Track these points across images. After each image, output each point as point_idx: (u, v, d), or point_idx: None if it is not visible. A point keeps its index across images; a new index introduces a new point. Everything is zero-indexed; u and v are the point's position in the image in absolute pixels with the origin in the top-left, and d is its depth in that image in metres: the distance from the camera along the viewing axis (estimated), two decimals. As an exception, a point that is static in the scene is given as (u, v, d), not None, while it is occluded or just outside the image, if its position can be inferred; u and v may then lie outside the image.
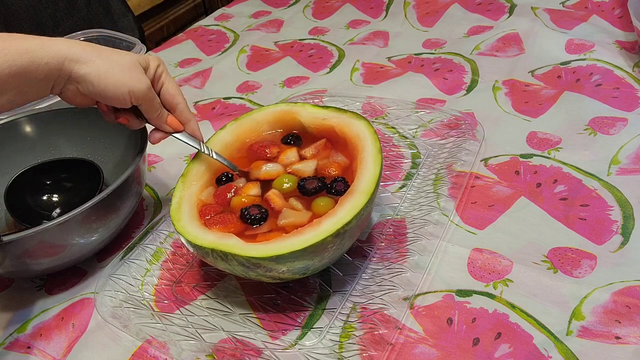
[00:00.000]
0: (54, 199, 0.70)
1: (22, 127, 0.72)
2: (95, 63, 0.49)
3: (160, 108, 0.55)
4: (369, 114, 0.79)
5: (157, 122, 0.56)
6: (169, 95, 0.56)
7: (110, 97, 0.51)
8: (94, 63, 0.49)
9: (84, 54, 0.49)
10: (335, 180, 0.55)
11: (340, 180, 0.55)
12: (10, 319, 0.59)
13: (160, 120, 0.56)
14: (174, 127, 0.57)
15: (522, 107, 0.77)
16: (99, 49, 0.50)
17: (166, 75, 0.56)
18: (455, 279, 0.55)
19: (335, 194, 0.54)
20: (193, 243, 0.50)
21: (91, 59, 0.49)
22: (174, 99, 0.56)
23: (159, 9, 1.87)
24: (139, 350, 0.53)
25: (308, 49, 1.04)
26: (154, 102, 0.54)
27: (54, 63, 0.47)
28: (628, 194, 0.60)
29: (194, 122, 0.58)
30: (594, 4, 0.99)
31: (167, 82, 0.56)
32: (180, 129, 0.57)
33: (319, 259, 0.49)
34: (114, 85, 0.50)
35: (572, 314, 0.50)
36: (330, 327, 0.52)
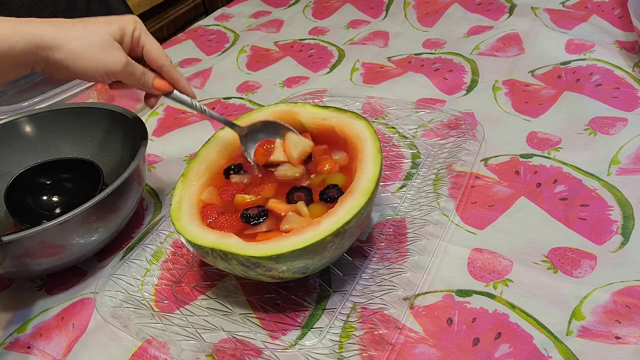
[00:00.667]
0: (54, 199, 0.70)
1: (22, 127, 0.72)
2: (68, 47, 0.48)
3: (143, 76, 0.54)
4: (369, 114, 0.79)
5: (144, 88, 0.55)
6: (151, 57, 0.55)
7: (88, 78, 0.51)
8: (67, 47, 0.48)
9: (56, 39, 0.48)
10: (328, 187, 0.55)
11: (333, 187, 0.54)
12: (10, 319, 0.59)
13: (147, 86, 0.55)
14: (162, 90, 0.56)
15: (522, 107, 0.77)
16: (71, 29, 0.49)
17: (145, 36, 0.54)
18: (455, 279, 0.55)
19: (328, 201, 0.53)
20: (193, 242, 0.50)
21: (64, 43, 0.48)
22: (157, 61, 0.55)
23: (159, 9, 1.87)
24: (139, 350, 0.53)
25: (308, 49, 1.04)
26: (134, 75, 0.53)
27: (28, 49, 0.47)
28: (628, 194, 0.60)
29: (183, 80, 0.57)
30: (594, 4, 0.99)
31: (148, 44, 0.54)
32: (170, 90, 0.57)
33: (318, 259, 0.49)
34: (90, 67, 0.50)
35: (572, 314, 0.50)
36: (330, 327, 0.52)
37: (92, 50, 0.50)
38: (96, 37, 0.50)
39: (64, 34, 0.49)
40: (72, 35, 0.49)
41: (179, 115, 0.90)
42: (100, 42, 0.50)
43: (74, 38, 0.49)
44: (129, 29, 0.53)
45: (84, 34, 0.50)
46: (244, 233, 0.52)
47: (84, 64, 0.49)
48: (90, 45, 0.49)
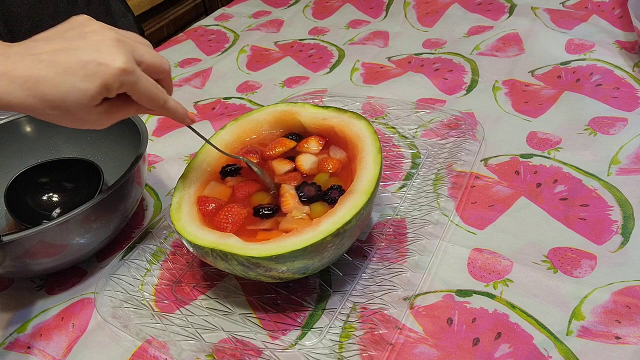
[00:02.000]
0: (54, 199, 0.70)
1: (22, 127, 0.72)
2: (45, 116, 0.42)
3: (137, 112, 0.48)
4: (369, 114, 0.79)
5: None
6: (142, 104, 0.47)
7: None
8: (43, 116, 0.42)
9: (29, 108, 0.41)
10: (331, 188, 0.55)
11: (336, 188, 0.55)
12: (10, 319, 0.59)
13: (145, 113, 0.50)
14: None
15: (522, 107, 0.77)
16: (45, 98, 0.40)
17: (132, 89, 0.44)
18: (455, 279, 0.55)
19: (330, 202, 0.53)
20: (193, 243, 0.50)
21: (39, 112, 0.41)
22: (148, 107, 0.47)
23: (159, 9, 1.87)
24: (139, 350, 0.53)
25: (308, 49, 1.04)
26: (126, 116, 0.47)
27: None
28: (628, 194, 0.60)
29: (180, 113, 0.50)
30: (594, 4, 0.99)
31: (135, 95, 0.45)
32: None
33: (318, 259, 0.49)
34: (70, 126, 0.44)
35: (572, 314, 0.50)
36: (330, 327, 0.52)
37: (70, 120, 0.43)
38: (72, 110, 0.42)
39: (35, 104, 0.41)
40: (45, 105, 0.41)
41: (179, 115, 0.90)
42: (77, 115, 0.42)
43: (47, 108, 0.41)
44: (113, 87, 0.42)
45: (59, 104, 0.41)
46: (245, 228, 0.52)
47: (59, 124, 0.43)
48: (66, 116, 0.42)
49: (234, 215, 0.53)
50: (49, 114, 0.42)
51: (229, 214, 0.53)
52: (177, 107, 0.50)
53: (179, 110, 0.50)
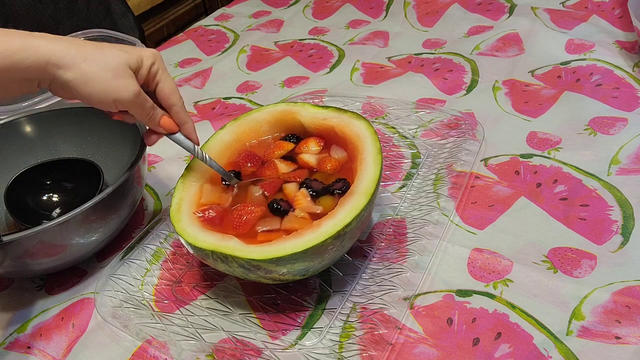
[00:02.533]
0: (54, 199, 0.70)
1: (22, 127, 0.72)
2: (78, 68, 0.46)
3: (151, 111, 0.52)
4: (369, 114, 0.79)
5: (149, 124, 0.53)
6: (163, 95, 0.52)
7: (95, 103, 0.48)
8: (77, 68, 0.46)
9: (67, 58, 0.45)
10: (336, 181, 0.55)
11: (340, 180, 0.55)
12: (10, 319, 0.59)
13: (153, 122, 0.53)
14: (167, 129, 0.54)
15: (522, 107, 0.77)
16: (85, 51, 0.46)
17: (162, 73, 0.52)
18: (455, 279, 0.55)
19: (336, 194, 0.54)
20: (193, 245, 0.50)
21: (75, 63, 0.45)
22: (168, 99, 0.53)
23: (159, 9, 1.87)
24: (139, 350, 0.53)
25: (308, 49, 1.04)
26: (143, 107, 0.50)
27: (36, 66, 0.44)
28: (628, 194, 0.60)
29: (191, 124, 0.55)
30: (594, 4, 0.99)
31: (163, 81, 0.52)
32: (175, 130, 0.54)
33: (319, 261, 0.49)
34: (99, 93, 0.47)
35: (572, 314, 0.50)
36: (330, 327, 0.52)
37: (104, 74, 0.47)
38: (111, 62, 0.47)
39: (75, 53, 0.46)
40: (85, 55, 0.46)
41: (179, 115, 0.90)
42: (114, 67, 0.47)
43: (87, 59, 0.46)
44: (147, 61, 0.50)
45: (98, 56, 0.47)
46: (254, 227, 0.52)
47: (93, 88, 0.47)
48: (103, 68, 0.47)
49: (248, 214, 0.53)
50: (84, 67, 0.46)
51: (243, 212, 0.53)
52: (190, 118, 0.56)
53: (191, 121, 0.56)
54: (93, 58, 0.46)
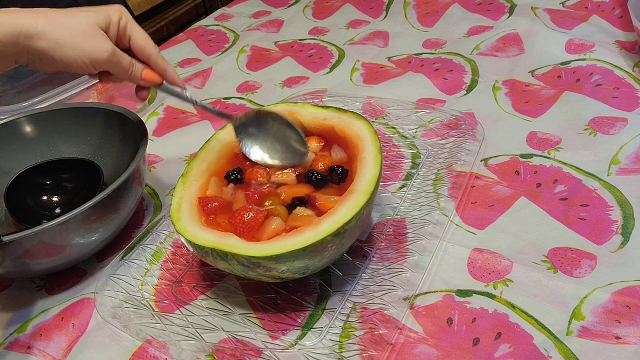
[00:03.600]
0: (54, 199, 0.70)
1: (22, 127, 0.72)
2: (50, 36, 0.47)
3: (130, 66, 0.52)
4: (369, 114, 0.79)
5: (132, 80, 0.54)
6: (138, 46, 0.53)
7: (73, 68, 0.49)
8: (48, 36, 0.47)
9: (37, 28, 0.46)
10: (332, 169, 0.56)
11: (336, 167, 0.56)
12: (10, 319, 0.59)
13: (135, 78, 0.54)
14: (151, 81, 0.54)
15: (522, 107, 0.77)
16: (53, 18, 0.47)
17: (131, 25, 0.52)
18: (455, 279, 0.55)
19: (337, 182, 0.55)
20: (193, 243, 0.50)
21: (45, 31, 0.47)
22: (144, 50, 0.53)
23: (159, 9, 1.87)
24: (139, 350, 0.53)
25: (308, 49, 1.04)
26: (121, 65, 0.52)
27: (9, 40, 0.46)
28: (628, 194, 0.60)
29: (171, 69, 0.55)
30: (594, 4, 0.99)
31: (134, 33, 0.52)
32: (158, 82, 0.55)
33: (319, 259, 0.49)
34: (74, 57, 0.48)
35: (572, 314, 0.50)
36: (330, 327, 0.52)
37: (75, 38, 0.48)
38: (80, 25, 0.48)
39: (45, 22, 0.47)
40: (55, 23, 0.47)
41: (179, 115, 0.90)
42: (84, 29, 0.48)
43: (57, 26, 0.47)
44: (114, 17, 0.51)
45: (67, 22, 0.48)
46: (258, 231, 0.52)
47: (67, 53, 0.48)
48: (73, 32, 0.48)
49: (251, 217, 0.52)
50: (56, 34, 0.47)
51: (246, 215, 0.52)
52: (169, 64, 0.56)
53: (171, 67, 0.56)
54: (62, 24, 0.47)
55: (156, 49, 0.54)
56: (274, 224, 0.51)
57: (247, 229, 0.51)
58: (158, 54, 0.54)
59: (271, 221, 0.52)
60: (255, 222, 0.51)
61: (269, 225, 0.51)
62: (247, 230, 0.51)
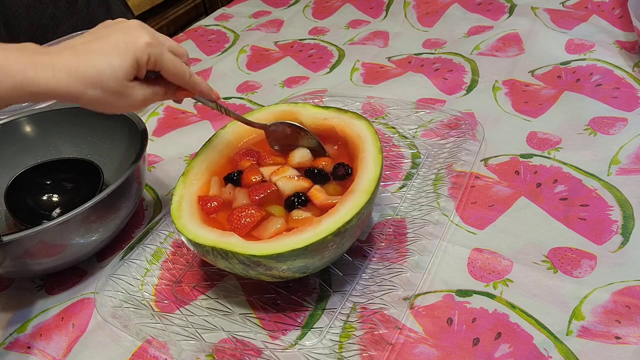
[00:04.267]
0: (54, 199, 0.70)
1: (22, 127, 0.72)
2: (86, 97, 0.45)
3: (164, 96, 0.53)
4: (369, 114, 0.79)
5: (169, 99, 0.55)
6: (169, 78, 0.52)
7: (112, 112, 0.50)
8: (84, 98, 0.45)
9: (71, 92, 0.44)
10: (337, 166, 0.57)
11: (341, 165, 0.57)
12: (10, 319, 0.59)
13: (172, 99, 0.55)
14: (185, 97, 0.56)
15: (522, 107, 0.77)
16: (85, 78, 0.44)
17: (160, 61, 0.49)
18: (455, 279, 0.55)
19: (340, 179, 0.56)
20: (193, 241, 0.50)
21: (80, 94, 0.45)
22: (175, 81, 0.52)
23: (159, 9, 1.87)
24: (139, 350, 0.53)
25: (308, 49, 1.04)
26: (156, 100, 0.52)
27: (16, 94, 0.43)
28: (628, 194, 0.60)
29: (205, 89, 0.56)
30: (594, 4, 0.99)
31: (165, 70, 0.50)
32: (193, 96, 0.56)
33: (319, 258, 0.49)
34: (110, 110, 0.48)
35: (572, 314, 0.50)
36: (330, 327, 0.52)
37: (108, 99, 0.47)
38: (109, 85, 0.46)
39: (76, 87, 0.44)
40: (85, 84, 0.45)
41: (179, 115, 0.90)
42: (114, 89, 0.46)
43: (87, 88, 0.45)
44: (143, 59, 0.47)
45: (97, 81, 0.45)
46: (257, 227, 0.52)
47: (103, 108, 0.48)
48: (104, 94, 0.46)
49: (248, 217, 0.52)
50: (91, 96, 0.46)
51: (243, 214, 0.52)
52: (202, 81, 0.56)
53: (204, 84, 0.56)
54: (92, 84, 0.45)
55: (187, 76, 0.53)
56: (275, 223, 0.51)
57: (244, 228, 0.51)
58: (190, 79, 0.53)
59: (272, 221, 0.52)
60: (252, 219, 0.52)
61: (270, 224, 0.51)
62: (244, 229, 0.51)
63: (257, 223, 0.52)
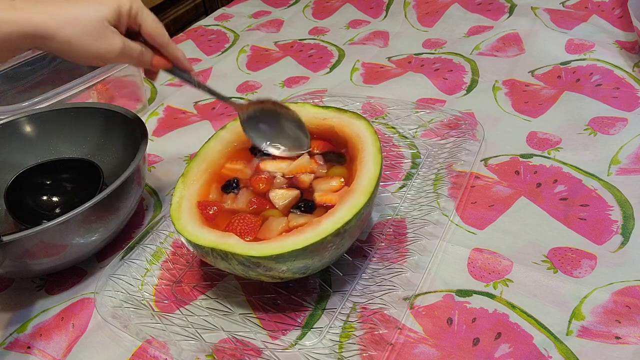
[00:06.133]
0: (54, 199, 0.70)
1: (22, 127, 0.72)
2: (61, 36, 0.47)
3: (140, 56, 0.53)
4: (369, 114, 0.79)
5: (142, 66, 0.55)
6: (149, 35, 0.53)
7: (84, 63, 0.51)
8: (59, 36, 0.47)
9: (49, 31, 0.47)
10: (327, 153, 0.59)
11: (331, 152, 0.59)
12: (10, 319, 0.59)
13: (144, 64, 0.55)
14: (161, 67, 0.55)
15: (522, 107, 0.77)
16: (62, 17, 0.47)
17: (142, 13, 0.52)
18: (455, 279, 0.55)
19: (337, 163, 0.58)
20: (193, 242, 0.50)
21: (55, 34, 0.47)
22: (155, 39, 0.54)
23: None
24: (139, 350, 0.53)
25: (308, 49, 1.04)
26: (131, 57, 0.52)
27: (22, 39, 0.46)
28: (628, 194, 0.60)
29: (182, 56, 0.56)
30: (594, 4, 0.99)
31: (145, 22, 0.52)
32: (168, 67, 0.56)
33: (319, 259, 0.49)
34: (84, 56, 0.49)
35: (572, 314, 0.50)
36: (330, 327, 0.52)
37: (85, 38, 0.48)
38: (89, 24, 0.48)
39: (55, 23, 0.47)
40: (64, 21, 0.47)
41: (179, 115, 0.90)
42: (93, 29, 0.49)
43: (66, 25, 0.47)
44: (125, 8, 0.51)
45: (77, 20, 0.48)
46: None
47: (77, 52, 0.49)
48: (83, 33, 0.48)
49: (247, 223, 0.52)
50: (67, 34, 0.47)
51: (242, 222, 0.52)
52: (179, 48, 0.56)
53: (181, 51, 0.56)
54: (72, 23, 0.48)
55: (167, 36, 0.54)
56: (279, 223, 0.51)
57: (247, 234, 0.51)
58: (169, 41, 0.55)
59: (275, 220, 0.52)
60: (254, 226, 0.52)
61: (274, 224, 0.51)
62: (247, 234, 0.51)
63: (259, 227, 0.52)
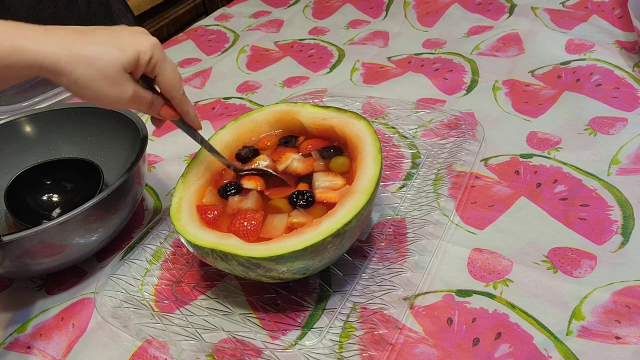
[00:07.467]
0: (54, 199, 0.70)
1: (22, 127, 0.72)
2: (72, 76, 0.44)
3: (150, 105, 0.51)
4: (369, 114, 0.79)
5: (150, 114, 0.53)
6: (162, 87, 0.51)
7: (89, 102, 0.48)
8: (71, 75, 0.44)
9: (59, 65, 0.44)
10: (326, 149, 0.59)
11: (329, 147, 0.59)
12: (10, 319, 0.59)
13: (153, 112, 0.52)
14: (168, 117, 0.53)
15: (522, 107, 0.77)
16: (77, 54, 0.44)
17: (160, 65, 0.49)
18: (455, 279, 0.55)
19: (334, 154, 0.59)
20: (193, 243, 0.50)
21: (67, 70, 0.44)
22: (167, 92, 0.51)
23: (159, 9, 1.87)
24: (139, 350, 0.53)
25: (308, 49, 1.04)
26: (141, 104, 0.50)
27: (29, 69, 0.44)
28: (628, 194, 0.60)
29: (192, 112, 0.54)
30: (594, 4, 0.99)
31: (161, 74, 0.50)
32: (176, 118, 0.54)
33: (319, 259, 0.49)
34: (94, 98, 0.47)
35: (572, 314, 0.50)
36: (330, 327, 0.52)
37: (97, 81, 0.46)
38: (105, 68, 0.45)
39: (67, 59, 0.44)
40: (78, 60, 0.44)
41: (179, 115, 0.90)
42: (108, 74, 0.46)
43: (80, 64, 0.44)
44: (144, 58, 0.47)
45: (93, 61, 0.45)
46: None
47: (88, 94, 0.46)
48: (96, 75, 0.45)
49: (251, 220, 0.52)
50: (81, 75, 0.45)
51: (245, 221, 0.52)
52: (192, 105, 0.54)
53: (192, 107, 0.54)
54: (86, 63, 0.45)
55: (181, 91, 0.52)
56: (281, 219, 0.51)
57: (250, 234, 0.51)
58: (182, 95, 0.52)
59: (276, 218, 0.52)
60: (257, 222, 0.52)
61: (276, 221, 0.52)
62: (250, 235, 0.51)
63: (261, 225, 0.52)
